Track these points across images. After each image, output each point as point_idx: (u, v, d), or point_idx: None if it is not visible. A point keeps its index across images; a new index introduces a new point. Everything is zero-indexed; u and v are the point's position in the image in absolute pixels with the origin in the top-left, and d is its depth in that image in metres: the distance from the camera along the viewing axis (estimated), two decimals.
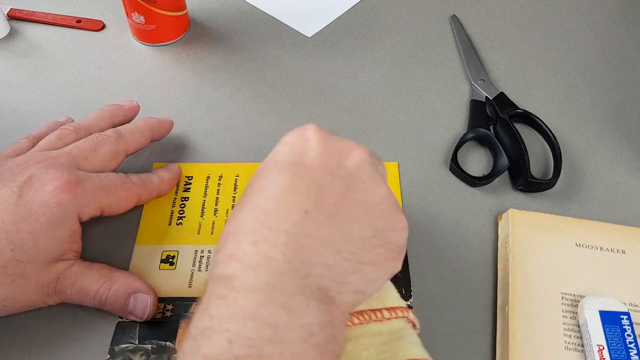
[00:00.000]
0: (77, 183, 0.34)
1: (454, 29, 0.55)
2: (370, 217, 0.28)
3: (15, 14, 0.55)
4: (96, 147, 0.37)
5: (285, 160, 0.29)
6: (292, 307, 0.24)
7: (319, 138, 0.30)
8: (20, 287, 0.32)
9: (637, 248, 0.38)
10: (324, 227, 0.27)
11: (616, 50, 0.53)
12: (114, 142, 0.38)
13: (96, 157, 0.37)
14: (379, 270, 0.29)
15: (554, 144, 0.44)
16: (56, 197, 0.33)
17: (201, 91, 0.49)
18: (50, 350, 0.34)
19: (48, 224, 0.33)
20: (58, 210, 0.33)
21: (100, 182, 0.36)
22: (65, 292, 0.34)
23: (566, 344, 0.34)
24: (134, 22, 0.51)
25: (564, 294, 0.35)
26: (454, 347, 0.35)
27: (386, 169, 0.32)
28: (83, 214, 0.35)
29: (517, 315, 0.34)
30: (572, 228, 0.39)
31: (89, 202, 0.35)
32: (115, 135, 0.39)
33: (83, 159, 0.37)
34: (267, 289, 0.24)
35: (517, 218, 0.39)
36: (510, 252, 0.37)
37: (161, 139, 0.43)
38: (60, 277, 0.34)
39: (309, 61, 0.52)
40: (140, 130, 0.41)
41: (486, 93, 0.48)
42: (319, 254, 0.26)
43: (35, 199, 0.33)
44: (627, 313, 0.33)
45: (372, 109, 0.48)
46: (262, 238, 0.26)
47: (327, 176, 0.28)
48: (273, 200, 0.27)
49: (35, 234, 0.32)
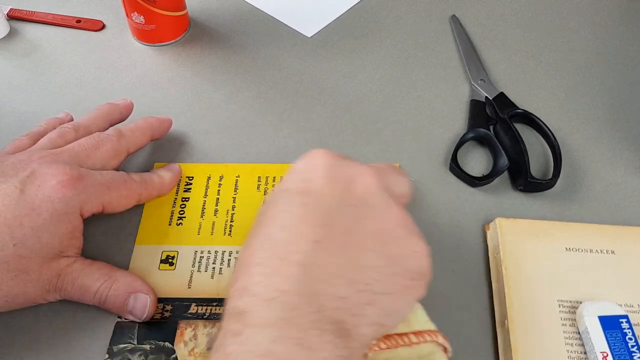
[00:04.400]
0: (80, 179, 0.34)
1: (454, 29, 0.55)
2: (383, 245, 0.27)
3: (15, 14, 0.55)
4: (98, 145, 0.38)
5: (294, 187, 0.28)
6: (307, 342, 0.23)
7: (327, 164, 0.29)
8: (21, 283, 0.32)
9: (626, 247, 0.38)
10: (334, 257, 0.26)
11: (616, 50, 0.53)
12: (116, 140, 0.39)
13: (98, 154, 0.37)
14: (398, 300, 0.27)
15: (554, 144, 0.44)
16: (59, 192, 0.33)
17: (201, 91, 0.49)
18: (50, 350, 0.34)
19: (50, 220, 0.33)
20: (61, 205, 0.33)
21: (102, 178, 0.36)
22: (66, 289, 0.34)
23: (569, 352, 0.33)
24: (133, 22, 0.51)
25: (560, 302, 0.35)
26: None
27: (406, 185, 0.31)
28: (85, 209, 0.35)
29: (517, 329, 0.34)
30: (560, 232, 0.38)
31: (90, 198, 0.35)
32: (117, 134, 0.39)
33: (85, 156, 0.37)
34: (281, 324, 0.24)
35: (505, 227, 0.38)
36: (503, 263, 0.37)
37: (161, 138, 0.44)
38: (61, 274, 0.34)
39: (309, 61, 0.52)
40: (141, 129, 0.41)
41: (486, 93, 0.48)
42: (331, 286, 0.25)
43: (37, 194, 0.33)
44: (626, 316, 0.33)
45: (372, 109, 0.48)
46: (273, 270, 0.25)
47: (336, 204, 0.27)
48: (284, 231, 0.27)
49: (38, 230, 0.32)
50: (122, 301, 0.35)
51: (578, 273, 0.37)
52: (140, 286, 0.35)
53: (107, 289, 0.34)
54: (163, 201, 0.41)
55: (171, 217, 0.41)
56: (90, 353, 0.34)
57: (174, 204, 0.41)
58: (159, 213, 0.41)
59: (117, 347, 0.34)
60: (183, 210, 0.41)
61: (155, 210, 0.41)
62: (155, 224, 0.40)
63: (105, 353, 0.34)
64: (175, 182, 0.42)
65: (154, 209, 0.41)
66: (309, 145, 0.45)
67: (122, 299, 0.35)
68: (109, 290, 0.34)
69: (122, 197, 0.37)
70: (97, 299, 0.34)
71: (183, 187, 0.42)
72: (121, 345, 0.34)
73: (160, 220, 0.40)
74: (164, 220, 0.40)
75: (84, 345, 0.35)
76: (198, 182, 0.42)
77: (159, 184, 0.40)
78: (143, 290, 0.35)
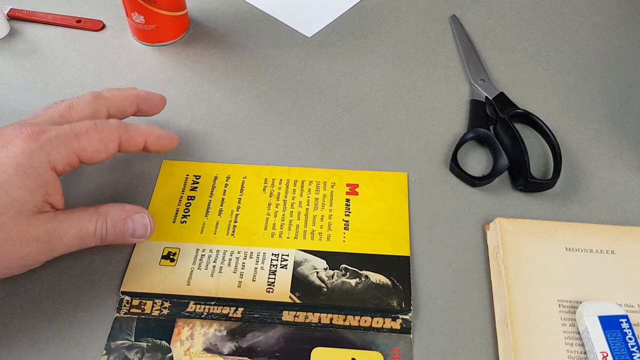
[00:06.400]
0: (42, 132, 0.34)
1: (454, 29, 0.55)
2: None
3: (15, 14, 0.55)
4: (72, 105, 0.37)
5: None
6: None
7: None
8: (2, 242, 0.32)
9: (626, 247, 0.38)
10: None
11: (616, 50, 0.53)
12: (91, 99, 0.38)
13: (73, 114, 0.37)
14: None
15: (554, 144, 0.44)
16: (20, 146, 0.33)
17: (201, 91, 0.49)
18: (50, 349, 0.34)
19: (16, 174, 0.32)
20: (24, 159, 0.33)
21: (69, 127, 0.35)
22: (63, 242, 0.34)
23: (569, 352, 0.33)
24: (133, 22, 0.51)
25: (560, 302, 0.35)
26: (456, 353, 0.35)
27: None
28: (56, 162, 0.34)
29: (517, 329, 0.34)
30: (560, 232, 0.38)
31: (58, 149, 0.34)
32: (93, 95, 0.38)
33: (58, 116, 0.36)
34: None
35: (505, 227, 0.39)
36: (503, 263, 0.37)
37: (153, 115, 0.42)
38: (50, 231, 0.33)
39: (309, 61, 0.52)
40: (124, 93, 0.40)
41: (486, 93, 0.48)
42: None
43: (1, 154, 0.33)
44: (626, 316, 0.33)
45: (372, 109, 0.48)
46: None
47: None
48: None
49: (4, 185, 0.32)
50: (122, 228, 0.35)
51: (578, 273, 0.37)
52: (131, 209, 0.36)
53: (104, 223, 0.35)
54: (169, 199, 0.41)
55: (176, 214, 0.41)
56: (90, 352, 0.34)
57: (180, 202, 0.41)
58: (165, 210, 0.41)
59: (115, 343, 0.34)
60: (188, 208, 0.41)
61: (161, 207, 0.41)
62: (160, 220, 0.40)
63: (103, 349, 0.34)
64: (167, 140, 0.40)
65: (159, 205, 0.41)
66: (309, 145, 0.45)
67: (122, 227, 0.35)
68: (106, 224, 0.35)
69: (97, 142, 0.35)
70: (99, 237, 0.35)
71: (190, 185, 0.42)
72: (119, 341, 0.34)
73: (165, 217, 0.40)
74: (168, 217, 0.40)
75: (84, 344, 0.35)
76: (205, 182, 0.43)
77: (147, 131, 0.38)
78: (137, 211, 0.36)
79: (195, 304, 0.36)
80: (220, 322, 0.35)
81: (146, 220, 0.37)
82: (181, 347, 0.34)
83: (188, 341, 0.35)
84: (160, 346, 0.34)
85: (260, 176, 0.43)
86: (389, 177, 0.43)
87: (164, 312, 0.36)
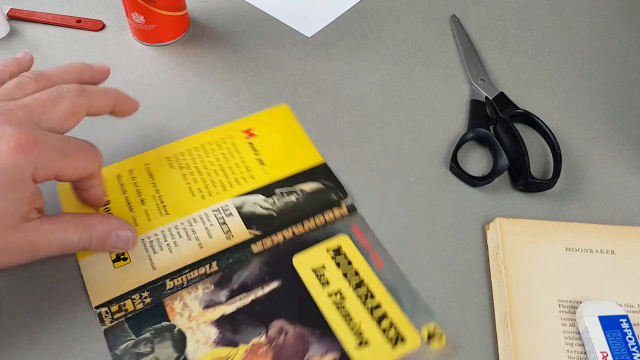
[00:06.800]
0: (35, 144, 0.32)
1: (454, 29, 0.55)
2: None
3: (15, 14, 0.55)
4: (56, 101, 0.35)
5: None
6: None
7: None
8: None
9: (626, 247, 0.38)
10: None
11: (616, 50, 0.53)
12: (76, 96, 0.36)
13: (55, 112, 0.35)
14: None
15: (554, 144, 0.44)
16: (11, 158, 0.31)
17: (201, 91, 0.49)
18: (50, 350, 0.34)
19: (4, 187, 0.31)
20: (14, 172, 0.31)
21: (60, 145, 0.34)
22: (45, 251, 0.34)
23: (569, 352, 0.33)
24: (133, 22, 0.51)
25: (560, 302, 0.35)
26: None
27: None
28: (37, 175, 0.33)
29: (517, 329, 0.34)
30: (560, 232, 0.38)
31: (44, 166, 0.33)
32: (78, 89, 0.36)
33: (41, 113, 0.34)
34: None
35: (505, 227, 0.39)
36: (503, 263, 0.37)
37: (121, 116, 0.41)
38: (34, 241, 0.33)
39: (309, 61, 0.52)
40: (106, 93, 0.39)
41: (486, 93, 0.48)
42: None
43: None
44: (626, 316, 0.33)
45: (372, 109, 0.48)
46: None
47: None
48: None
49: None
50: (105, 241, 0.36)
51: (578, 273, 0.37)
52: (117, 225, 0.37)
53: (89, 236, 0.35)
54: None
55: None
56: (90, 352, 0.34)
57: (97, 212, 0.40)
58: None
59: (119, 349, 0.34)
60: (109, 213, 0.40)
61: None
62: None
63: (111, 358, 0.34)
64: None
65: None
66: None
67: (105, 239, 0.36)
68: (90, 238, 0.35)
69: (77, 169, 0.35)
70: (81, 247, 0.35)
71: None
72: (122, 345, 0.34)
73: None
74: None
75: (84, 344, 0.35)
76: (111, 185, 0.42)
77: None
78: (122, 227, 0.37)
79: (171, 280, 0.37)
80: (203, 282, 0.37)
81: (129, 234, 0.37)
82: (182, 318, 0.35)
83: (185, 310, 0.36)
84: (163, 327, 0.35)
85: (161, 157, 0.44)
86: (273, 112, 0.47)
87: (147, 301, 0.36)
